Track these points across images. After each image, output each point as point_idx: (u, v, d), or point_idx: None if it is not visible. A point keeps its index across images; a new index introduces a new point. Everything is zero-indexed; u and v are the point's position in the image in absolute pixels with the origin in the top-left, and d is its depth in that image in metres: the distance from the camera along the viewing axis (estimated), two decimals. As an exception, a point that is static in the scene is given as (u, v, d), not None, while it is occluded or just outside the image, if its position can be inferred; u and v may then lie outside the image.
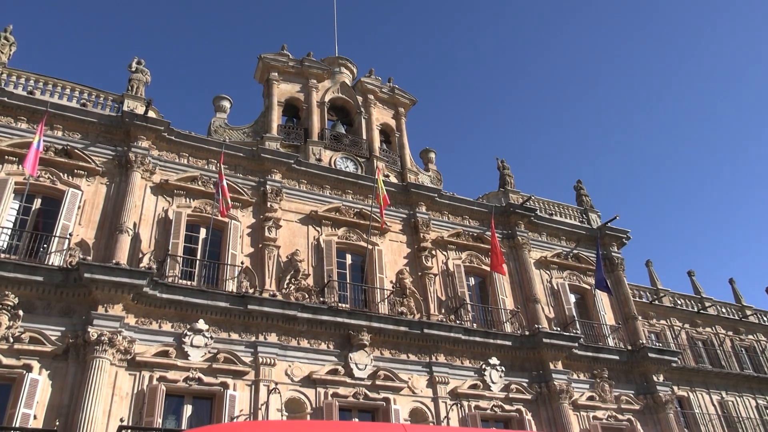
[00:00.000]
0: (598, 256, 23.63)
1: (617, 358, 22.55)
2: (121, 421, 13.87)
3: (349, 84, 25.49)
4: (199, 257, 18.17)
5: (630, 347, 23.26)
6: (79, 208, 17.06)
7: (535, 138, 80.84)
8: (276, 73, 23.72)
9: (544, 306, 22.84)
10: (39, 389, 13.92)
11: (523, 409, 19.87)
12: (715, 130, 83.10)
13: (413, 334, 19.27)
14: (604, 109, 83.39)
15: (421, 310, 20.26)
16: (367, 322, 18.54)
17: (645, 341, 23.76)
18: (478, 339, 20.19)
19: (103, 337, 14.67)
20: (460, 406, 18.85)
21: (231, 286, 17.78)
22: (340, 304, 18.93)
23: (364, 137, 24.00)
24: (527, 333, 21.36)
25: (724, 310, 34.14)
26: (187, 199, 18.86)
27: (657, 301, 31.48)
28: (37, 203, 17.04)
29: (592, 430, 20.50)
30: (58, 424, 13.58)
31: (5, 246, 15.89)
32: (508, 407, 19.68)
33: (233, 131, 21.53)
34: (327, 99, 24.38)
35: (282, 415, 16.30)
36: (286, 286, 18.43)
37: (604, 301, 24.50)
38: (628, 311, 24.58)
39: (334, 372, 17.67)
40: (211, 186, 19.07)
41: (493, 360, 20.30)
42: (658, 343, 28.53)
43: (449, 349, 19.83)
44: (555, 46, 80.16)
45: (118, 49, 65.90)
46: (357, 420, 17.36)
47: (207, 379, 15.91)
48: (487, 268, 22.14)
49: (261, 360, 16.80)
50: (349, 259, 20.59)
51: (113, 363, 14.85)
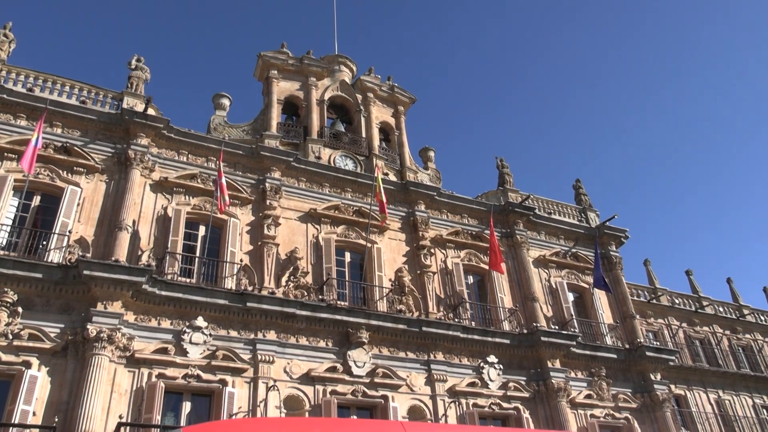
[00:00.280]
0: (597, 254, 23.68)
1: (615, 356, 22.61)
2: (120, 417, 13.88)
3: (348, 82, 25.48)
4: (198, 255, 18.18)
5: (628, 346, 23.33)
6: (78, 205, 17.07)
7: (535, 137, 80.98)
8: (275, 71, 23.73)
9: (543, 304, 22.91)
10: (38, 386, 13.95)
11: (521, 407, 19.93)
12: (714, 130, 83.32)
13: (412, 332, 19.32)
14: (603, 109, 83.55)
15: (419, 308, 20.31)
16: (366, 320, 18.59)
17: (643, 340, 23.82)
18: (476, 337, 20.25)
19: (102, 334, 14.71)
20: (458, 403, 18.93)
21: (230, 284, 17.80)
22: (339, 302, 18.97)
23: (364, 135, 24.02)
24: (525, 331, 21.42)
25: (721, 310, 34.26)
26: (187, 196, 18.86)
27: (655, 300, 31.58)
28: (36, 200, 17.05)
29: (590, 429, 20.56)
30: (57, 420, 13.58)
31: (4, 243, 15.90)
32: (506, 405, 19.74)
33: (233, 129, 21.56)
34: (326, 97, 24.39)
35: (280, 413, 16.34)
36: (285, 284, 18.46)
37: (602, 300, 24.57)
38: (626, 310, 24.64)
39: (333, 369, 17.71)
40: (211, 183, 19.08)
41: (492, 358, 20.36)
42: (655, 342, 28.64)
43: (448, 347, 19.88)
44: (554, 45, 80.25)
45: (117, 47, 65.90)
46: (355, 417, 17.42)
47: (206, 376, 15.95)
48: (486, 267, 22.21)
49: (260, 357, 16.84)
50: (348, 257, 20.62)
51: (112, 360, 14.89)
